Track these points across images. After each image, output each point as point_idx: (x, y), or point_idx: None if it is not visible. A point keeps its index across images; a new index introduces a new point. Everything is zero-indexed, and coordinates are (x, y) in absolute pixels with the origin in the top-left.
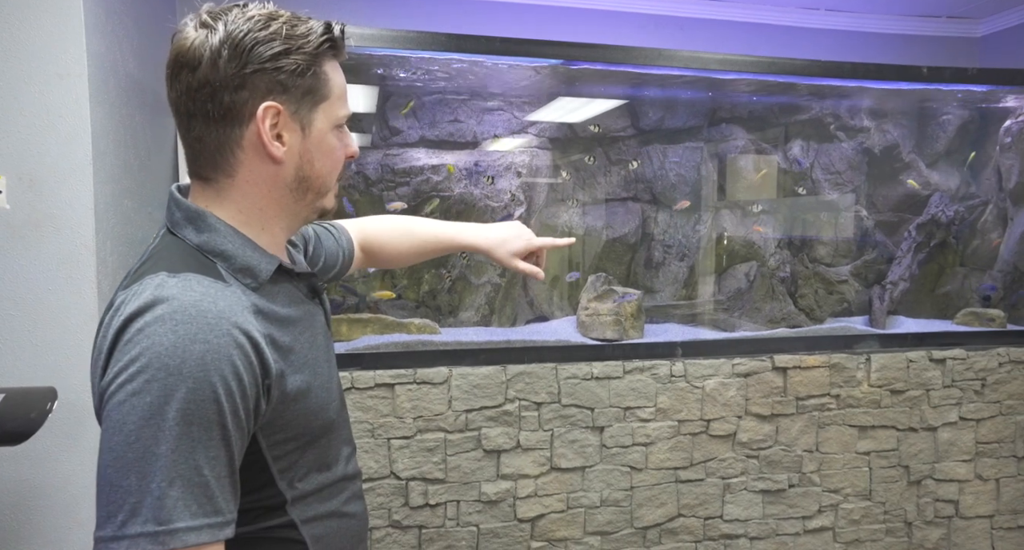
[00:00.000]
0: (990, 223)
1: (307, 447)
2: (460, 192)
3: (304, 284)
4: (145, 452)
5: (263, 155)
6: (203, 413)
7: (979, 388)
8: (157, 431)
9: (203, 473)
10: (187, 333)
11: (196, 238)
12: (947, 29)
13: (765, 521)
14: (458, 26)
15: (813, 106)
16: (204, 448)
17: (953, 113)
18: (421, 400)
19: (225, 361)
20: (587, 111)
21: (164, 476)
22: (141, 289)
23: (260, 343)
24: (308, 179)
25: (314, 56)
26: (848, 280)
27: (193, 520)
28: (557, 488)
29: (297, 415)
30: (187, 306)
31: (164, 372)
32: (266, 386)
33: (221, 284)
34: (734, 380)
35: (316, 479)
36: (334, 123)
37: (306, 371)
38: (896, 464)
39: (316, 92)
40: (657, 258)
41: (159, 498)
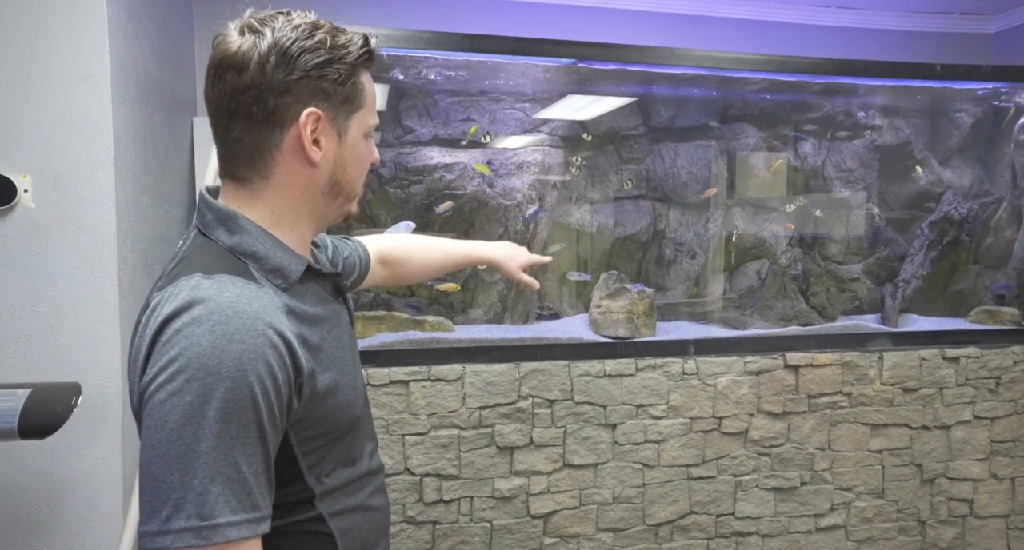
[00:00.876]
0: (1004, 220)
1: (334, 443)
2: (473, 190)
3: (329, 284)
4: (187, 450)
5: (301, 158)
6: (241, 411)
7: (993, 386)
8: (198, 429)
9: (241, 470)
10: (224, 333)
11: (228, 240)
12: (960, 25)
13: (777, 519)
14: (471, 24)
15: (825, 104)
16: (242, 446)
17: (967, 110)
18: (435, 397)
19: (261, 360)
20: (598, 109)
21: (206, 473)
22: (177, 290)
23: (293, 342)
24: (340, 183)
25: (353, 66)
26: (860, 278)
27: (233, 515)
28: (570, 485)
29: (326, 412)
30: (223, 307)
31: (203, 372)
32: (298, 384)
33: (255, 285)
34: (746, 378)
35: (342, 474)
36: (365, 131)
37: (334, 369)
38: (909, 462)
39: (353, 101)
40: (668, 256)
41: (201, 494)
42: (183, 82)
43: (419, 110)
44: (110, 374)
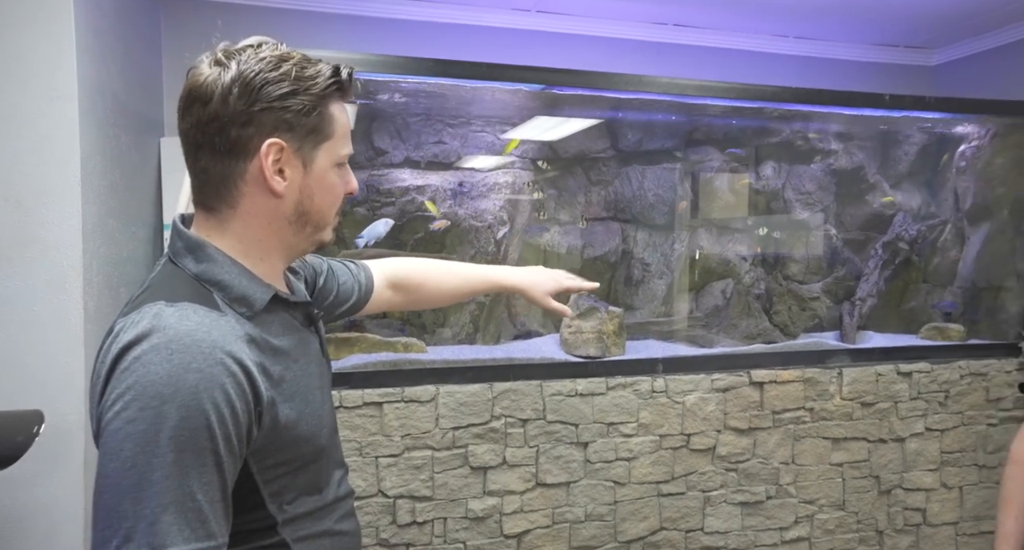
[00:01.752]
0: (949, 241)
1: (298, 472)
2: (444, 212)
3: (300, 313)
4: (140, 478)
5: (264, 189)
6: (196, 440)
7: (943, 400)
8: (151, 458)
9: (196, 498)
10: (181, 362)
11: (195, 267)
12: (905, 57)
13: (744, 533)
14: (443, 48)
15: (784, 129)
16: (197, 474)
17: (914, 137)
18: (409, 418)
19: (218, 389)
20: (567, 132)
21: (158, 501)
22: (139, 317)
23: (252, 371)
24: (307, 213)
25: (320, 97)
26: (820, 297)
27: (186, 545)
28: (542, 504)
29: (288, 442)
30: (182, 335)
31: (158, 400)
32: (258, 413)
33: (216, 313)
34: (713, 395)
35: (307, 502)
36: (336, 161)
37: (297, 400)
38: (867, 474)
39: (320, 131)
40: (637, 276)
41: (152, 523)
42: (150, 103)
43: (391, 132)
44: (74, 401)
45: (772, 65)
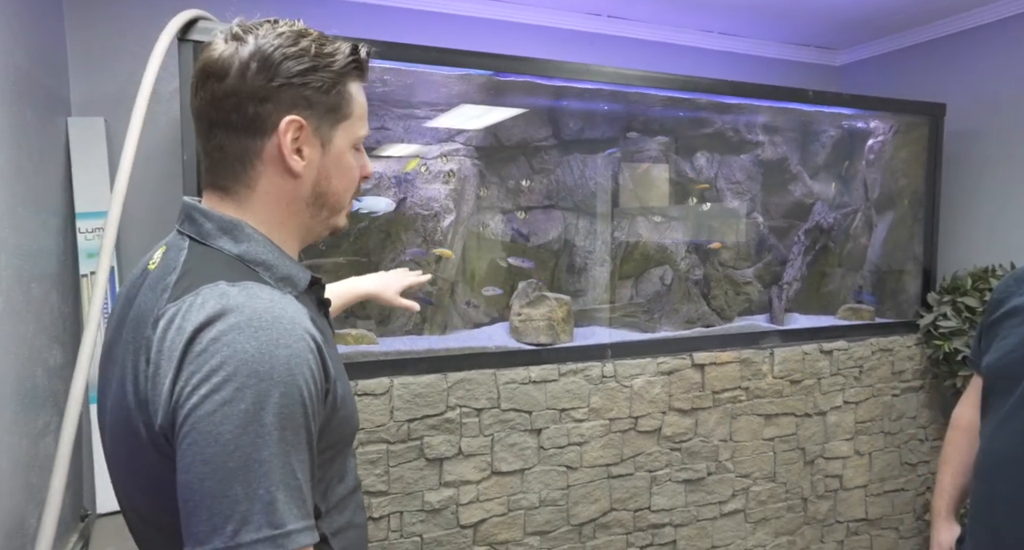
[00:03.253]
0: (860, 229)
1: (336, 457)
2: None
3: (314, 298)
4: (248, 459)
5: (282, 168)
6: (294, 417)
7: (858, 374)
8: (256, 437)
9: (297, 476)
10: (269, 339)
11: (235, 248)
12: (815, 57)
13: (687, 508)
14: (379, 32)
15: (716, 120)
16: (296, 452)
17: (829, 132)
18: (363, 412)
19: (305, 365)
20: (511, 120)
21: (271, 481)
22: (201, 300)
23: (322, 348)
24: (324, 195)
25: (340, 75)
26: (752, 282)
27: (298, 522)
28: (498, 492)
29: (338, 422)
30: (261, 313)
31: (255, 378)
32: (327, 389)
33: (278, 292)
34: (659, 378)
35: (337, 491)
36: (353, 142)
37: (342, 377)
38: (795, 447)
39: (339, 110)
40: (579, 264)
41: (269, 503)
42: (56, 78)
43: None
44: None
45: (699, 59)
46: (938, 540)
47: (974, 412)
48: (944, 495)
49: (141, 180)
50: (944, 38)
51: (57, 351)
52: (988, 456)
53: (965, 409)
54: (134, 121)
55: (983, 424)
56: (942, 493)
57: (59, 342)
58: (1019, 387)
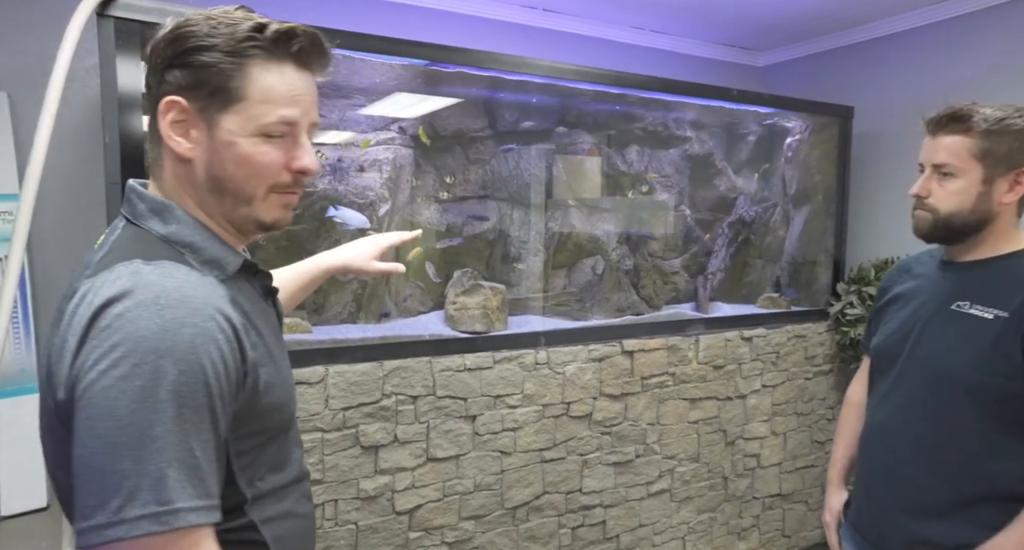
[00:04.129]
0: (778, 222)
1: (267, 444)
2: (324, 188)
3: (259, 284)
4: (140, 435)
5: (172, 151)
6: (195, 396)
7: (775, 360)
8: (151, 414)
9: (195, 455)
10: (174, 317)
11: (163, 229)
12: (739, 56)
13: (616, 490)
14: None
15: (647, 115)
16: (196, 431)
17: (752, 129)
18: (297, 400)
19: (212, 344)
20: (448, 110)
21: (162, 457)
22: (114, 276)
23: (239, 330)
24: (221, 181)
25: (230, 54)
26: (679, 272)
27: (190, 501)
28: (433, 478)
29: (263, 409)
30: (170, 291)
31: (154, 355)
32: (243, 372)
33: (196, 273)
34: (590, 365)
35: (272, 480)
36: (254, 129)
37: (271, 365)
38: (717, 429)
39: (228, 92)
40: (513, 253)
41: (159, 479)
42: None
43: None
44: None
45: (631, 55)
46: (828, 505)
47: (864, 390)
48: (836, 465)
49: (55, 162)
50: (856, 45)
51: None
52: (870, 427)
53: (857, 387)
54: (50, 99)
55: (869, 400)
56: (835, 463)
57: None
58: (898, 365)
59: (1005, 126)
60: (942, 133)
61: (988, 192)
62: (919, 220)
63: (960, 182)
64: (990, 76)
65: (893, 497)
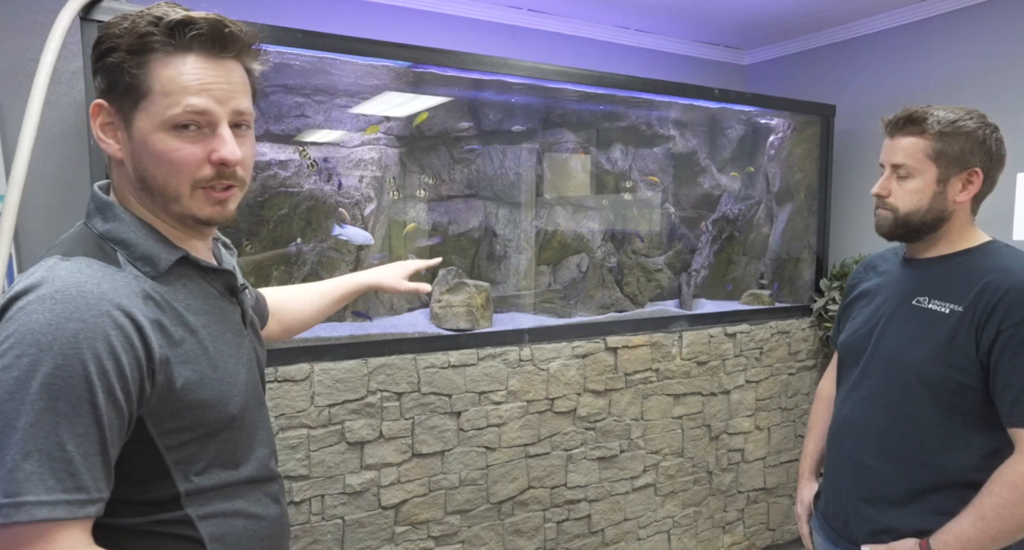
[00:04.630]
0: (762, 219)
1: (206, 440)
2: (310, 188)
3: (219, 281)
4: (5, 425)
5: (106, 153)
6: (71, 389)
7: (759, 355)
8: (19, 404)
9: (66, 449)
10: (63, 312)
11: (102, 226)
12: (724, 55)
13: (601, 484)
14: (303, 21)
15: (631, 114)
16: (70, 424)
17: (735, 127)
18: (283, 398)
19: (100, 340)
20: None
21: (20, 449)
22: (33, 271)
23: (144, 326)
24: (146, 180)
25: (132, 52)
26: (663, 269)
27: (48, 495)
28: (419, 473)
29: (188, 406)
30: (68, 286)
31: (35, 348)
32: (150, 369)
33: (112, 268)
34: (574, 361)
35: (219, 476)
36: (162, 123)
37: (201, 363)
38: (701, 424)
39: (134, 90)
40: (499, 252)
41: (11, 470)
42: None
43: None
44: None
45: (616, 54)
46: (800, 497)
47: (833, 385)
48: (807, 458)
49: (42, 165)
50: (838, 44)
51: None
52: (836, 421)
53: (826, 383)
54: (33, 102)
55: (837, 394)
56: (806, 457)
57: None
58: (862, 359)
59: (957, 128)
60: (899, 135)
61: (943, 191)
62: (880, 219)
63: (917, 182)
64: (968, 75)
65: (856, 488)
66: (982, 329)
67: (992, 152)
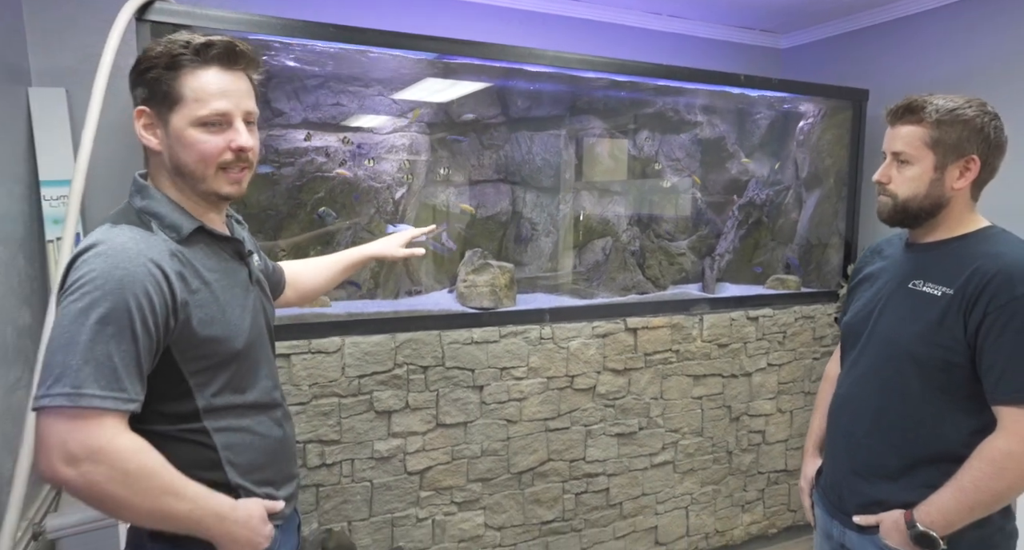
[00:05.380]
0: (790, 205)
1: (218, 369)
2: (344, 174)
3: (229, 248)
4: (70, 340)
5: (147, 147)
6: (117, 318)
7: (781, 339)
8: (81, 327)
9: (113, 360)
10: (113, 263)
11: (139, 203)
12: (759, 39)
13: (620, 460)
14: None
15: (658, 101)
16: (116, 343)
17: (764, 113)
18: (316, 368)
19: (138, 283)
20: (462, 99)
21: (81, 357)
22: (92, 235)
23: (170, 275)
24: (179, 166)
25: (168, 68)
26: (686, 253)
27: (100, 391)
28: (442, 442)
29: (203, 340)
30: (115, 245)
31: (93, 287)
32: (173, 308)
33: (148, 233)
34: (594, 340)
35: (229, 398)
36: (193, 121)
37: (212, 307)
38: (721, 405)
39: (170, 98)
40: (525, 234)
41: (76, 371)
42: (12, 48)
43: (288, 94)
44: None
45: (647, 40)
46: (804, 472)
47: (838, 365)
48: (813, 436)
49: (104, 153)
50: (873, 27)
51: (26, 312)
52: (836, 398)
53: (832, 363)
54: (95, 97)
55: (840, 374)
56: (811, 434)
57: (28, 304)
58: (862, 340)
59: (955, 116)
60: (899, 123)
61: (940, 178)
62: (881, 205)
63: (915, 169)
64: (1006, 59)
65: (850, 462)
66: (970, 311)
67: (990, 140)
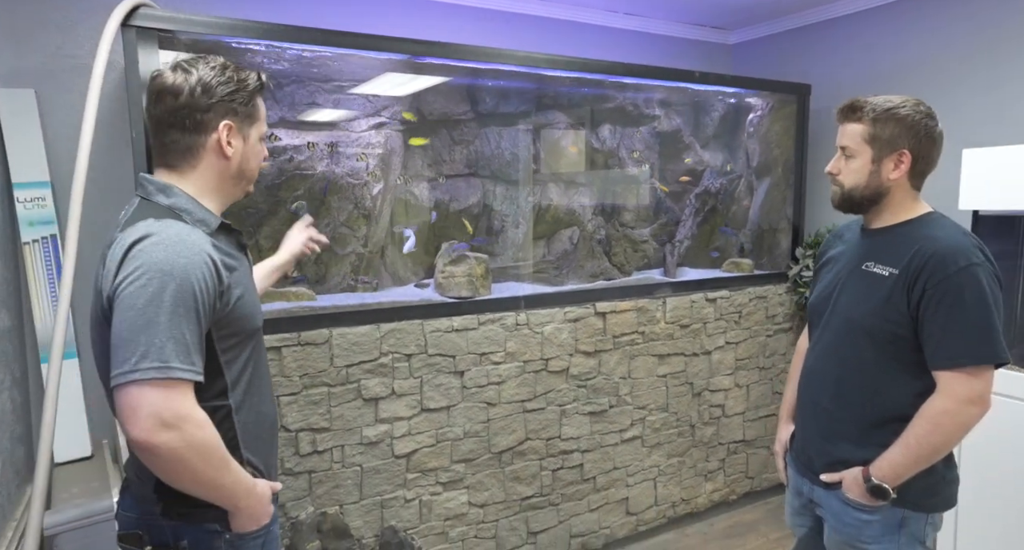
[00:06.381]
0: (742, 192)
1: (244, 344)
2: (323, 171)
3: (234, 240)
4: (150, 320)
5: (220, 154)
6: (186, 300)
7: (737, 319)
8: (158, 308)
9: (186, 338)
10: (175, 251)
11: (167, 201)
12: (711, 35)
13: (592, 437)
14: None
15: (618, 96)
16: (187, 322)
17: (717, 106)
18: (306, 359)
19: (198, 269)
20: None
21: (165, 335)
22: (135, 229)
23: (217, 263)
24: (244, 171)
25: (252, 93)
26: (648, 240)
27: (181, 364)
28: (427, 426)
29: (238, 317)
30: (172, 236)
31: (160, 273)
32: (220, 291)
33: (190, 227)
34: (566, 325)
35: (247, 374)
36: (260, 135)
37: (244, 284)
38: (684, 382)
39: (252, 116)
40: (496, 226)
41: (160, 347)
42: None
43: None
44: None
45: (607, 37)
46: (778, 437)
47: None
48: (786, 404)
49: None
50: (816, 24)
51: (3, 315)
52: (804, 370)
53: (803, 339)
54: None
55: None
56: (784, 403)
57: (5, 306)
58: (824, 317)
59: (889, 115)
60: (845, 121)
61: (878, 170)
62: (832, 194)
63: (857, 161)
64: (936, 56)
65: (816, 427)
66: (912, 288)
67: (921, 135)
